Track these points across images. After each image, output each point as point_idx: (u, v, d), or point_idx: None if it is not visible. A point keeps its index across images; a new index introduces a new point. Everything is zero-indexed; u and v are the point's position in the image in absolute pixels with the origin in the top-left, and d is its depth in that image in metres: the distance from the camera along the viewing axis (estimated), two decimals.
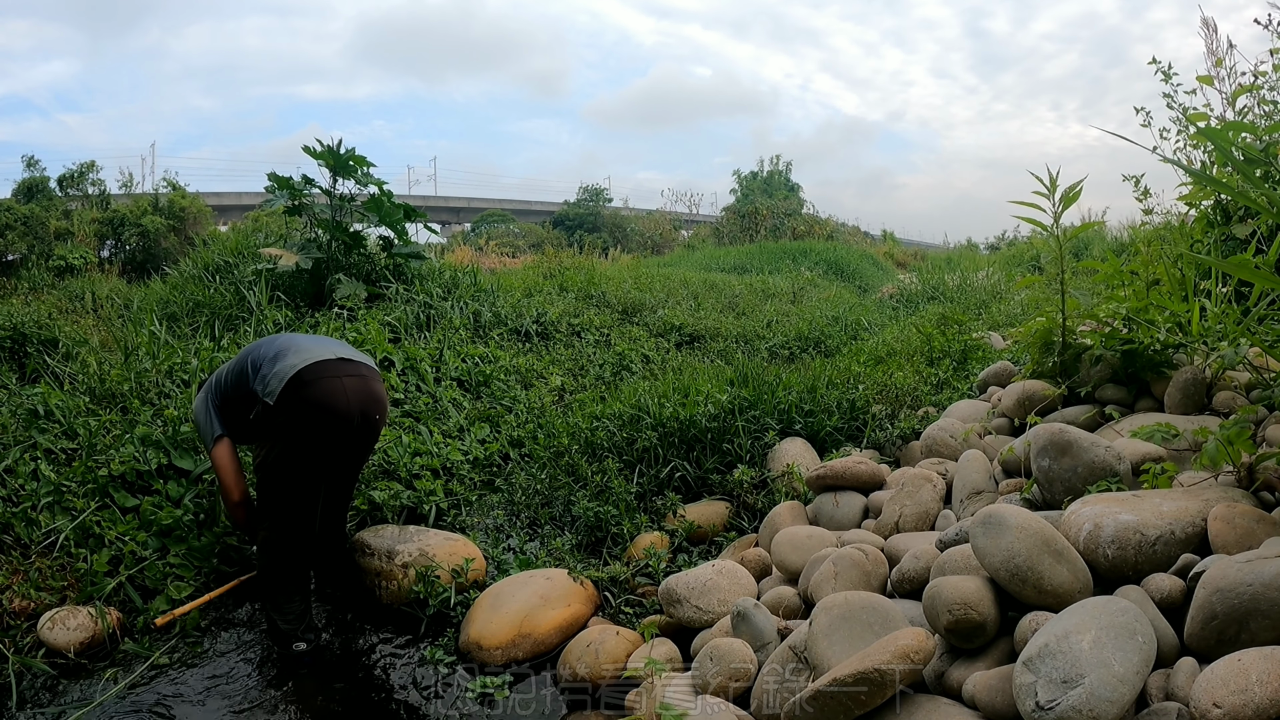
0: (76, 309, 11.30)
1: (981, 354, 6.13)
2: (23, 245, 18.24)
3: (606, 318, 9.56)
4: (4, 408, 5.49)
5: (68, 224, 19.55)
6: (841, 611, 2.45)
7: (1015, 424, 3.98)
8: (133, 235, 19.09)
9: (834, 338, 9.43)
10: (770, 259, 20.11)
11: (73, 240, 18.59)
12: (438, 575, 3.78)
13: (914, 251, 32.98)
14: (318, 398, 3.39)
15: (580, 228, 39.29)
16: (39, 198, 22.13)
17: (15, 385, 6.69)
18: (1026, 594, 2.22)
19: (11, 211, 19.75)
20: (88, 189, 23.01)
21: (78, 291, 12.68)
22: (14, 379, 6.94)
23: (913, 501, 3.49)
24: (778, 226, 29.59)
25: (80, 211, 20.91)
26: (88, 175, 23.29)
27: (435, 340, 7.10)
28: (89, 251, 17.99)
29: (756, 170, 51.00)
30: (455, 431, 5.78)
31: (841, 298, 13.77)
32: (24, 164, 24.42)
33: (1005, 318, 8.68)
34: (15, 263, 17.64)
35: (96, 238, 19.52)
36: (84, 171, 23.35)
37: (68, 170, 23.41)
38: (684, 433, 4.91)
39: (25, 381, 6.92)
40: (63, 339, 7.70)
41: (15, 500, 4.20)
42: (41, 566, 3.81)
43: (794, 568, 3.29)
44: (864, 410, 5.04)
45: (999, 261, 16.94)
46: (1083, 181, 3.92)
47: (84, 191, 22.91)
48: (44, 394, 5.24)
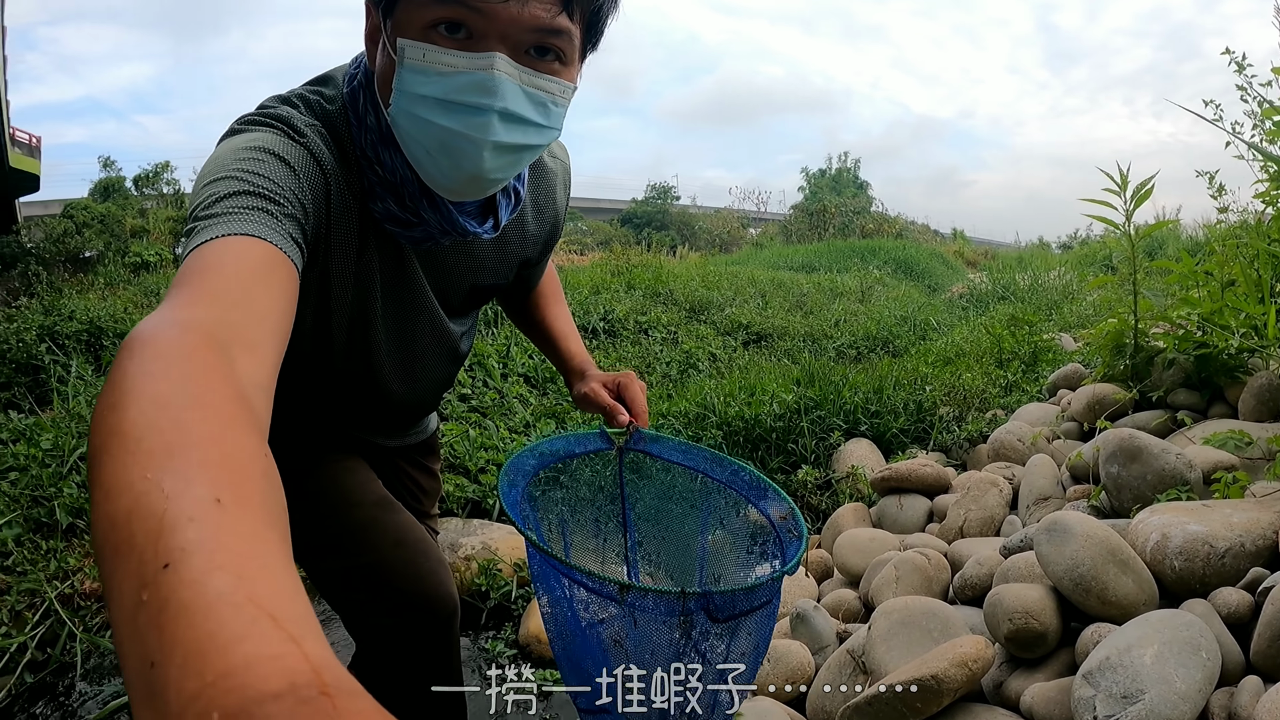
0: (151, 303, 11.60)
1: (1052, 356, 6.02)
2: (99, 242, 18.72)
3: (674, 315, 9.59)
4: (81, 398, 5.70)
5: (143, 222, 20.05)
6: (901, 616, 2.43)
7: (1084, 428, 3.91)
8: None
9: (902, 338, 9.35)
10: (838, 257, 19.99)
11: (148, 238, 19.04)
12: (500, 568, 3.82)
13: (984, 250, 32.48)
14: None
15: (648, 225, 39.32)
16: (115, 197, 22.81)
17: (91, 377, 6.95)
18: (1090, 604, 2.18)
19: (88, 210, 20.37)
20: (162, 188, 23.62)
21: (153, 287, 13.00)
22: (90, 370, 7.21)
23: (978, 506, 3.44)
24: (846, 224, 29.42)
25: (155, 210, 21.44)
26: (162, 175, 23.94)
27: (503, 336, 7.17)
28: (164, 248, 18.37)
29: (825, 168, 50.56)
30: (521, 427, 5.83)
31: (910, 297, 13.64)
32: (100, 164, 25.37)
33: (1077, 319, 8.52)
34: (92, 259, 18.11)
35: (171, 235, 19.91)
36: (159, 171, 24.00)
37: (143, 170, 24.12)
38: (749, 432, 4.90)
39: (101, 373, 7.21)
40: None
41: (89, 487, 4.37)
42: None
43: (855, 570, 3.27)
44: (931, 412, 4.99)
45: (1071, 261, 16.59)
46: (1155, 178, 3.83)
47: (159, 191, 23.54)
48: None
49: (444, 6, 1.15)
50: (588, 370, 1.89)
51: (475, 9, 1.14)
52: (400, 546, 1.68)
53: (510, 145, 1.24)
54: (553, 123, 1.29)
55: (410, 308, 1.56)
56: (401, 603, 1.66)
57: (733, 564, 1.69)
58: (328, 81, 1.43)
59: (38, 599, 3.67)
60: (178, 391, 0.68)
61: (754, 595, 1.33)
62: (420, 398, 1.83)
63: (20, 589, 3.70)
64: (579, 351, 1.97)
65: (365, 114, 1.34)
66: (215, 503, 0.55)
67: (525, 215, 1.66)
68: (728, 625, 1.32)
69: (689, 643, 1.32)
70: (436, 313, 1.62)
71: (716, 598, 1.30)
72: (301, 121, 1.31)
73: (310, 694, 0.41)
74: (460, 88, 1.18)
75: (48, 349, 7.66)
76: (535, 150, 1.32)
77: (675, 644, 1.32)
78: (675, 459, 1.78)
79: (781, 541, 1.55)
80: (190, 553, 0.50)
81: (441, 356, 1.73)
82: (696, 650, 1.33)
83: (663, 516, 1.82)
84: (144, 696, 0.45)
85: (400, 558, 1.67)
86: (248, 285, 0.95)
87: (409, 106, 1.21)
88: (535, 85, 1.22)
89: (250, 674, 0.42)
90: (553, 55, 1.23)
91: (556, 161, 1.72)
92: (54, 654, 3.39)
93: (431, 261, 1.54)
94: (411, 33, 1.18)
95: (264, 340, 0.90)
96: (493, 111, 1.19)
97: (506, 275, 1.73)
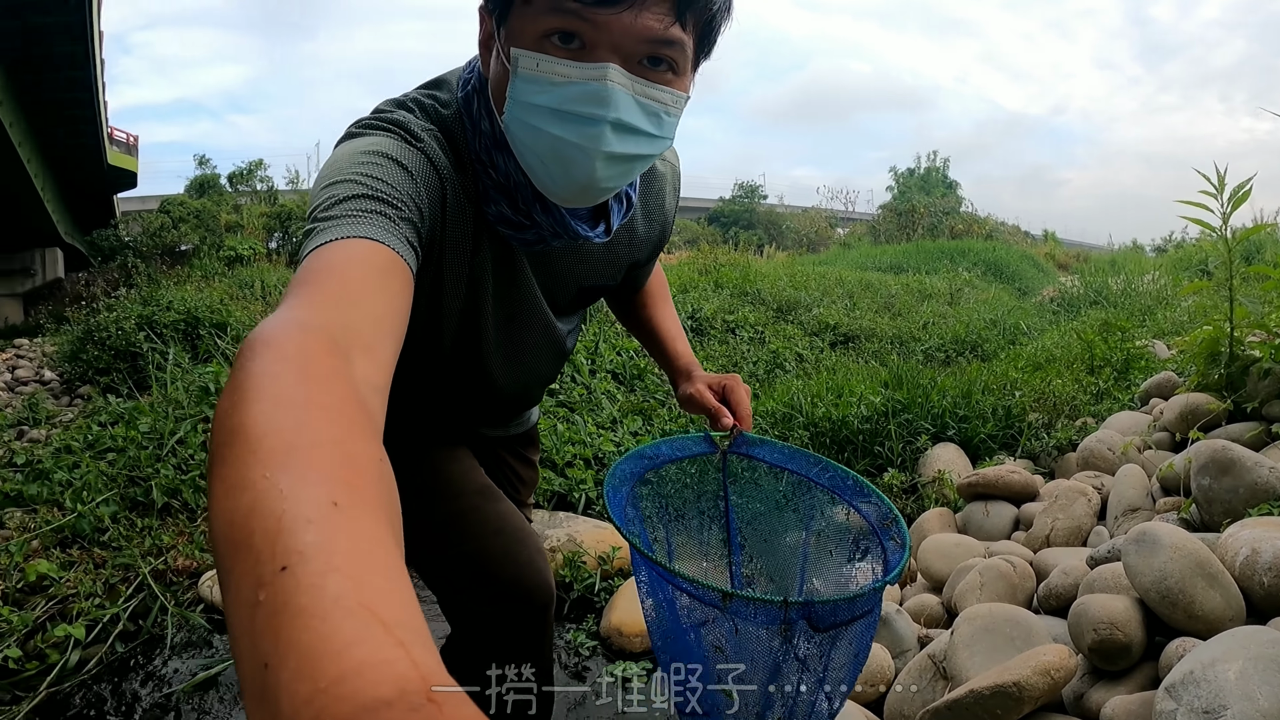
0: (245, 295, 12.02)
1: (1145, 363, 5.91)
2: (195, 237, 19.46)
3: (761, 315, 9.61)
4: (179, 384, 5.97)
5: (237, 217, 20.75)
6: (984, 623, 2.44)
7: (1176, 439, 3.84)
8: (299, 228, 19.99)
9: (991, 341, 9.24)
10: (927, 258, 19.78)
11: (242, 232, 19.67)
12: (584, 561, 3.90)
13: (1076, 252, 31.78)
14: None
15: (735, 224, 39.33)
16: (210, 193, 23.70)
17: (189, 364, 7.25)
18: (1176, 618, 2.17)
19: (185, 206, 21.26)
20: (256, 185, 24.37)
21: (247, 280, 13.41)
22: (187, 358, 7.52)
23: (1065, 515, 3.41)
24: (935, 225, 29.05)
25: (249, 206, 22.17)
26: (256, 173, 24.78)
27: (591, 333, 7.27)
28: (257, 243, 18.96)
29: (913, 167, 50.05)
30: (608, 423, 5.92)
31: (1000, 300, 13.45)
32: (196, 162, 26.53)
33: (1171, 325, 8.33)
34: (189, 253, 18.79)
35: (264, 230, 20.55)
36: (252, 169, 24.83)
37: (237, 168, 24.99)
38: (836, 433, 4.91)
39: (198, 361, 7.52)
40: (232, 323, 8.39)
41: (185, 469, 4.66)
42: (206, 530, 4.18)
43: (939, 575, 3.27)
44: (1020, 418, 4.94)
45: (1165, 264, 16.13)
46: (1253, 179, 3.73)
47: (252, 188, 24.32)
48: (215, 372, 5.76)
49: (558, 17, 1.16)
50: (693, 371, 1.91)
51: (588, 20, 1.15)
52: (500, 535, 1.72)
53: (622, 155, 1.26)
54: (665, 132, 1.30)
55: (519, 307, 1.60)
56: (499, 589, 1.70)
57: (833, 569, 1.71)
58: (441, 85, 1.47)
59: (131, 573, 3.90)
60: (299, 393, 0.71)
61: (855, 605, 1.34)
62: (525, 391, 1.88)
63: (115, 563, 3.94)
64: (685, 352, 1.99)
65: (479, 119, 1.37)
66: (333, 505, 0.57)
67: (635, 218, 1.68)
68: (828, 634, 1.34)
69: (789, 651, 1.34)
70: (544, 312, 1.66)
71: (818, 607, 1.31)
72: (418, 126, 1.35)
73: (418, 701, 0.43)
74: (573, 98, 1.19)
75: (146, 337, 8.04)
76: (647, 160, 1.33)
77: (775, 651, 1.34)
78: (778, 462, 1.79)
79: (884, 547, 1.56)
80: (308, 557, 0.52)
81: (547, 353, 1.77)
82: (797, 658, 1.35)
83: (764, 519, 1.83)
84: (257, 696, 0.47)
85: (499, 545, 1.71)
86: (365, 288, 0.99)
87: (522, 115, 1.24)
88: (648, 95, 1.23)
89: (361, 679, 0.44)
90: (665, 65, 1.23)
91: (667, 165, 1.75)
92: (145, 626, 3.59)
93: (541, 262, 1.58)
94: (525, 42, 1.20)
95: (380, 342, 0.93)
96: (605, 122, 1.20)
97: (614, 277, 1.77)
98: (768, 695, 1.40)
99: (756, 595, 1.35)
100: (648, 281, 2.02)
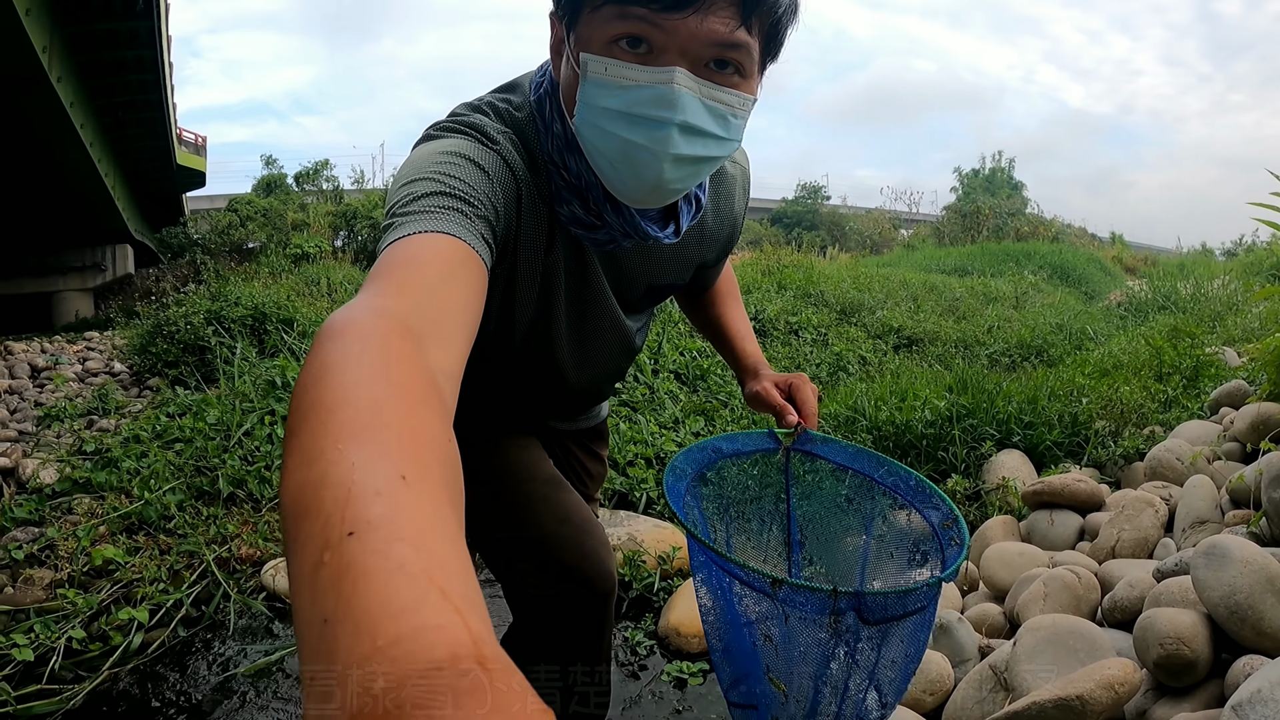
0: (312, 292, 12.20)
1: (1215, 371, 5.79)
2: (263, 234, 19.80)
3: (824, 317, 9.58)
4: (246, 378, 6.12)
5: (304, 216, 21.07)
6: (1047, 634, 2.42)
7: (1247, 449, 3.76)
8: (364, 227, 20.23)
9: (1057, 346, 9.12)
10: (992, 261, 19.56)
11: (308, 230, 19.95)
12: (644, 560, 3.93)
13: (1144, 256, 31.19)
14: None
15: (798, 225, 39.14)
16: (277, 192, 24.05)
17: (256, 359, 7.43)
18: (1244, 634, 2.13)
19: (252, 204, 21.66)
20: (322, 185, 24.71)
21: (313, 277, 13.62)
22: (255, 353, 7.69)
23: (1132, 526, 3.37)
24: (1000, 227, 28.68)
25: (315, 205, 22.49)
26: (322, 172, 25.08)
27: (655, 333, 7.30)
28: (323, 241, 19.21)
29: (978, 167, 49.50)
30: (670, 423, 5.95)
31: (1066, 304, 13.28)
32: (263, 162, 26.98)
33: (1241, 332, 8.14)
34: (256, 250, 19.12)
35: (330, 229, 20.81)
36: (319, 169, 25.14)
37: (304, 168, 25.30)
38: (899, 437, 4.88)
39: (265, 355, 7.69)
40: (298, 318, 8.54)
41: (251, 460, 4.78)
42: (270, 520, 4.31)
43: (1002, 585, 3.24)
44: (1086, 426, 4.86)
45: (1236, 269, 15.75)
46: None
47: (319, 187, 24.65)
48: (281, 367, 5.90)
49: (625, 22, 1.19)
50: (761, 370, 1.94)
51: (655, 24, 1.18)
52: (565, 523, 1.76)
53: (690, 157, 1.28)
54: (732, 135, 1.32)
55: (590, 304, 1.64)
56: (562, 576, 1.74)
57: (894, 569, 1.72)
58: (515, 89, 1.51)
59: (196, 560, 4.02)
60: (375, 373, 0.73)
61: (908, 600, 1.34)
62: (594, 386, 1.91)
63: (180, 550, 4.07)
64: (753, 351, 2.02)
65: (551, 121, 1.41)
66: (401, 479, 0.60)
67: (705, 219, 1.71)
68: (879, 629, 1.34)
69: (838, 643, 1.35)
70: (614, 309, 1.69)
71: (869, 599, 1.32)
72: (493, 129, 1.39)
73: (469, 666, 0.44)
74: (641, 101, 1.22)
75: (214, 331, 8.22)
76: (715, 162, 1.36)
77: (824, 644, 1.35)
78: (841, 461, 1.81)
79: (942, 550, 1.57)
80: (375, 525, 0.54)
81: (617, 349, 1.81)
82: (846, 653, 1.36)
83: (825, 517, 1.85)
84: (313, 650, 0.49)
85: (565, 533, 1.75)
86: (441, 279, 1.02)
87: (592, 118, 1.27)
88: (715, 98, 1.25)
89: (417, 643, 0.46)
90: (732, 68, 1.25)
91: (737, 167, 1.77)
92: (207, 612, 3.69)
93: (611, 261, 1.61)
94: (594, 47, 1.22)
95: (454, 332, 0.96)
96: (673, 125, 1.23)
97: (683, 276, 1.80)
98: (818, 690, 1.41)
99: (806, 583, 1.36)
100: (717, 281, 2.05)
